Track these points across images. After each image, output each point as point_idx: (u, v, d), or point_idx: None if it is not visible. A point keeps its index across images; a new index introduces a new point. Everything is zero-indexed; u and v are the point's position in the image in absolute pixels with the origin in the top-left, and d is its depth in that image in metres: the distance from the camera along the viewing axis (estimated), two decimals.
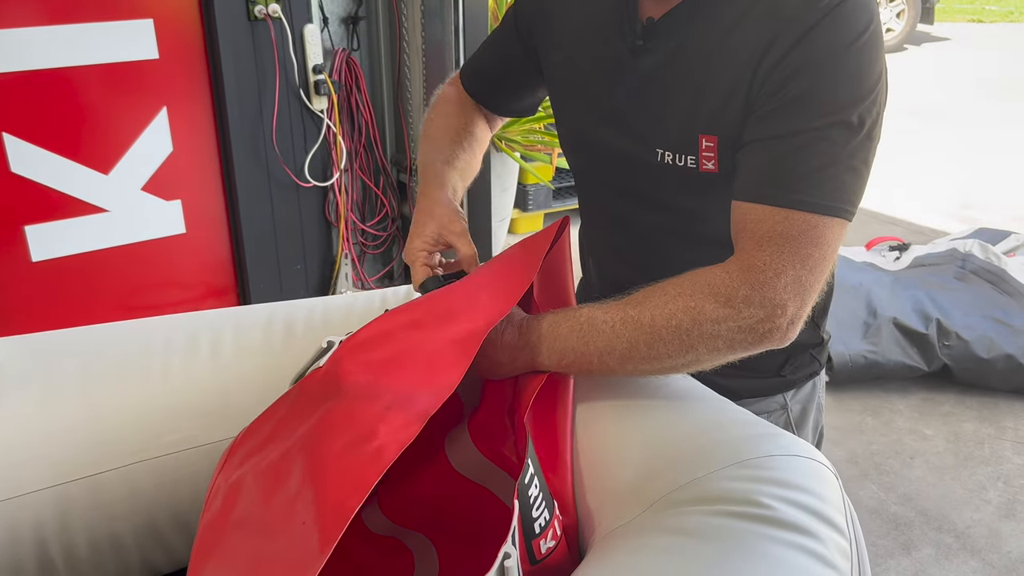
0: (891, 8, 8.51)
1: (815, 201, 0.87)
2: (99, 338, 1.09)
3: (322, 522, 0.70)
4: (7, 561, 0.97)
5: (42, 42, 2.35)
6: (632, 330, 0.88)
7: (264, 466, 0.82)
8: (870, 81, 0.88)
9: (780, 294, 0.86)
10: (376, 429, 0.75)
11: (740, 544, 0.73)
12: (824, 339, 1.18)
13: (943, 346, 2.79)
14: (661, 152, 1.00)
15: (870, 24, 0.88)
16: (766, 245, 0.87)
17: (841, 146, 0.87)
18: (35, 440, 0.98)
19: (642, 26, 0.99)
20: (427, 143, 1.22)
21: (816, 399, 1.21)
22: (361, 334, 0.89)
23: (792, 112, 0.88)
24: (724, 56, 0.93)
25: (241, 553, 0.75)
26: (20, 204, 2.46)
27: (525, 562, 0.79)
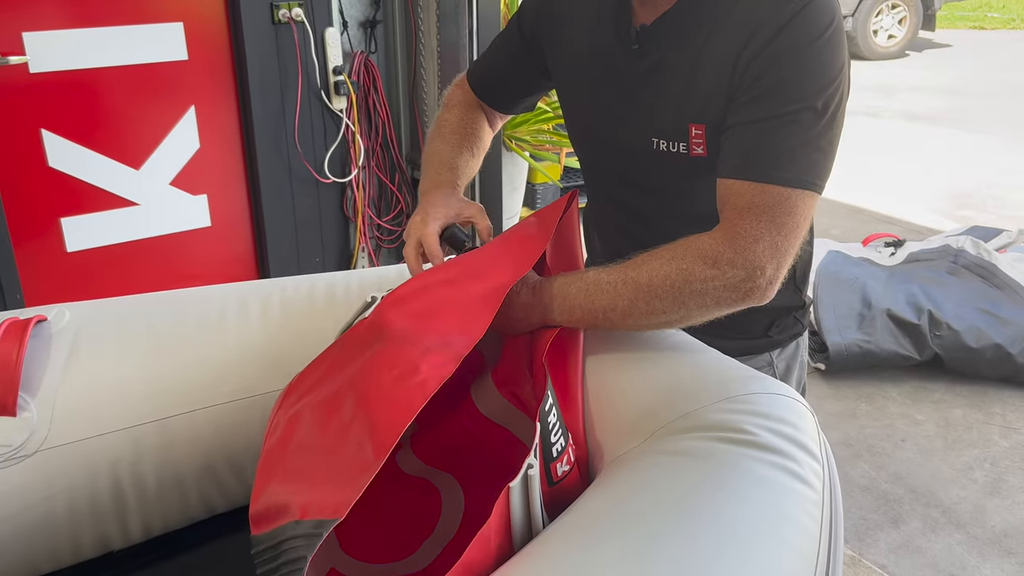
0: (893, 15, 8.63)
1: (787, 176, 1.00)
2: (163, 302, 1.23)
3: (376, 439, 0.82)
4: (87, 495, 1.10)
5: (79, 44, 2.49)
6: (632, 289, 1.02)
7: (319, 400, 0.95)
8: (833, 71, 1.01)
9: (759, 257, 1.00)
10: (419, 366, 0.88)
11: (727, 462, 0.87)
12: (806, 302, 1.32)
13: (934, 336, 2.92)
14: (656, 141, 1.13)
15: (832, 22, 1.01)
16: (746, 215, 1.00)
17: (809, 128, 1.00)
18: (111, 388, 1.11)
19: (636, 31, 1.12)
20: (438, 141, 1.34)
21: (800, 357, 1.35)
22: (400, 290, 1.02)
23: (767, 99, 1.01)
24: (709, 54, 1.06)
25: (305, 469, 0.88)
26: (57, 197, 2.60)
27: (544, 483, 0.92)
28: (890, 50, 8.74)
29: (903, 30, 8.70)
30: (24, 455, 1.04)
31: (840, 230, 4.31)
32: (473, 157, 1.34)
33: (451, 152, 1.30)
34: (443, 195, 1.22)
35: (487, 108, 1.40)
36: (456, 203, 1.20)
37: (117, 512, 1.12)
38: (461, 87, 1.41)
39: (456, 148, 1.31)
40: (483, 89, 1.38)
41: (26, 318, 1.12)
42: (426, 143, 1.35)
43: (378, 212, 3.21)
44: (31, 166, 2.53)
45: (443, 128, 1.35)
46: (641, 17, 1.12)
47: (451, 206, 1.19)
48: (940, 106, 7.01)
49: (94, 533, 1.11)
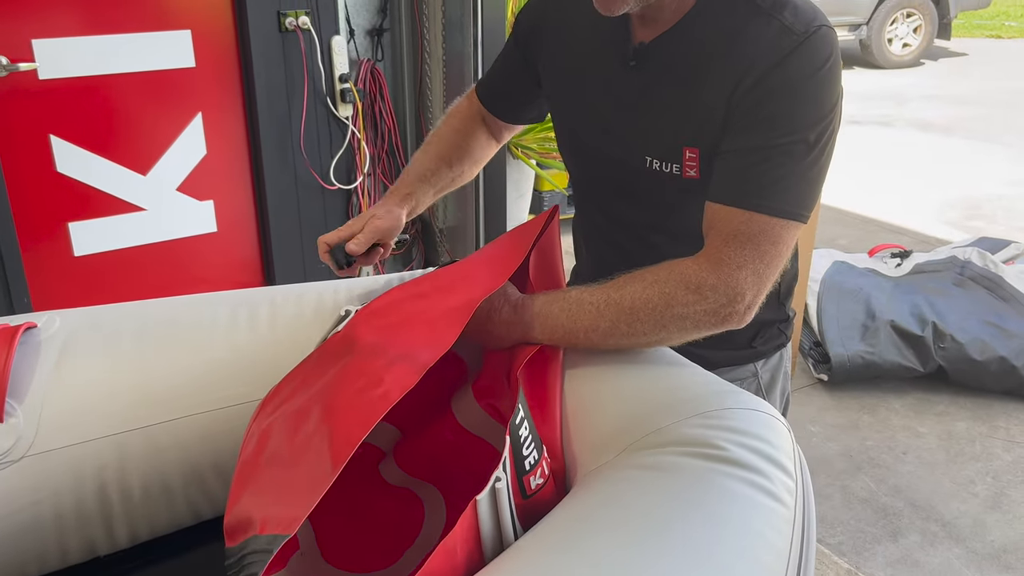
0: (908, 23, 8.60)
1: (774, 206, 1.02)
2: (152, 310, 1.24)
3: (334, 450, 0.83)
4: (72, 500, 1.11)
5: (88, 51, 2.53)
6: (614, 311, 1.03)
7: (289, 413, 0.96)
8: (827, 106, 1.03)
9: (741, 284, 1.02)
10: (383, 378, 0.89)
11: (697, 477, 0.87)
12: (790, 316, 1.33)
13: (938, 348, 2.90)
14: (649, 160, 1.14)
15: (829, 57, 1.03)
16: (731, 242, 1.02)
17: (800, 160, 1.02)
18: (98, 395, 1.13)
19: (635, 48, 1.13)
20: (422, 152, 1.38)
21: (783, 368, 1.36)
22: (373, 304, 1.03)
23: (760, 129, 1.03)
24: (706, 79, 1.07)
25: (270, 483, 0.89)
26: (65, 202, 2.63)
27: (517, 495, 0.93)
28: (905, 59, 8.71)
29: (918, 39, 8.67)
30: (11, 460, 1.06)
31: (848, 240, 4.30)
32: (451, 168, 1.37)
33: (423, 163, 1.36)
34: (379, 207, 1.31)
35: (491, 119, 1.41)
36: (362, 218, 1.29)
37: (103, 517, 1.13)
38: (469, 97, 1.43)
39: (431, 159, 1.36)
40: (487, 98, 1.41)
41: (16, 325, 1.13)
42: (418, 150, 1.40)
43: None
44: (40, 171, 2.56)
45: (429, 139, 1.39)
46: (640, 35, 1.13)
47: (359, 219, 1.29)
48: (954, 115, 6.97)
49: (80, 538, 1.13)
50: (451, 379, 1.16)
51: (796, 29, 1.02)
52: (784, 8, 1.04)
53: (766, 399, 1.30)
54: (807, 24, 1.02)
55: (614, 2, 1.05)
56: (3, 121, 2.45)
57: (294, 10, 2.75)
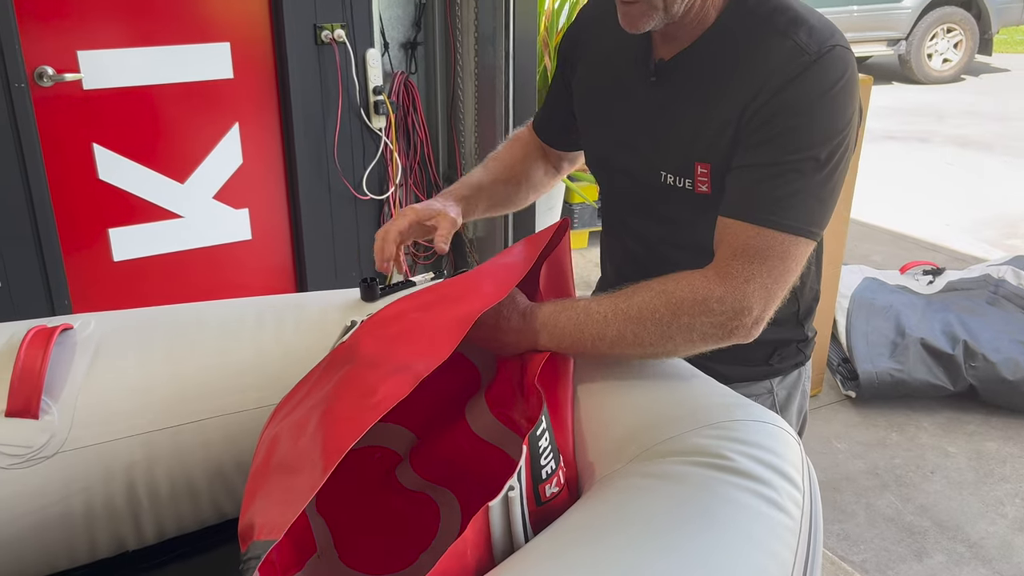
0: (948, 39, 8.51)
1: (783, 222, 1.04)
2: (182, 314, 1.29)
3: (324, 457, 0.86)
4: (102, 495, 1.16)
5: (131, 62, 2.60)
6: (621, 320, 1.05)
7: (295, 419, 0.99)
8: (840, 124, 1.04)
9: (748, 298, 1.03)
10: (377, 387, 0.91)
11: (702, 486, 0.89)
12: (808, 335, 1.33)
13: (969, 367, 2.87)
14: (664, 174, 1.17)
15: (843, 76, 1.04)
16: (740, 256, 1.04)
17: (810, 177, 1.04)
18: (128, 395, 1.17)
19: (655, 65, 1.16)
20: (481, 167, 1.40)
21: (801, 386, 1.36)
22: (379, 315, 1.06)
23: (772, 147, 1.05)
24: (720, 95, 1.09)
25: (275, 489, 0.92)
26: (106, 208, 2.71)
27: (532, 502, 0.95)
28: (945, 74, 8.61)
29: (959, 54, 8.57)
30: (44, 456, 1.11)
31: (881, 256, 4.27)
32: (507, 185, 1.39)
33: (480, 175, 1.38)
34: (440, 198, 1.30)
35: (548, 149, 1.44)
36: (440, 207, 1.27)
37: (131, 513, 1.17)
38: (528, 127, 1.47)
39: (488, 173, 1.39)
40: (539, 127, 1.44)
41: (53, 326, 1.18)
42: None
43: None
44: (83, 178, 2.64)
45: (489, 157, 1.43)
46: (661, 52, 1.16)
47: (432, 206, 1.27)
48: (994, 132, 6.88)
49: (109, 533, 1.17)
50: (465, 387, 1.18)
51: (810, 48, 1.04)
52: (800, 27, 1.06)
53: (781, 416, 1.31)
54: (821, 44, 1.04)
55: (639, 19, 1.07)
56: (49, 130, 2.53)
57: (330, 23, 2.81)
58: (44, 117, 2.51)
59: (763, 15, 1.08)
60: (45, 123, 2.52)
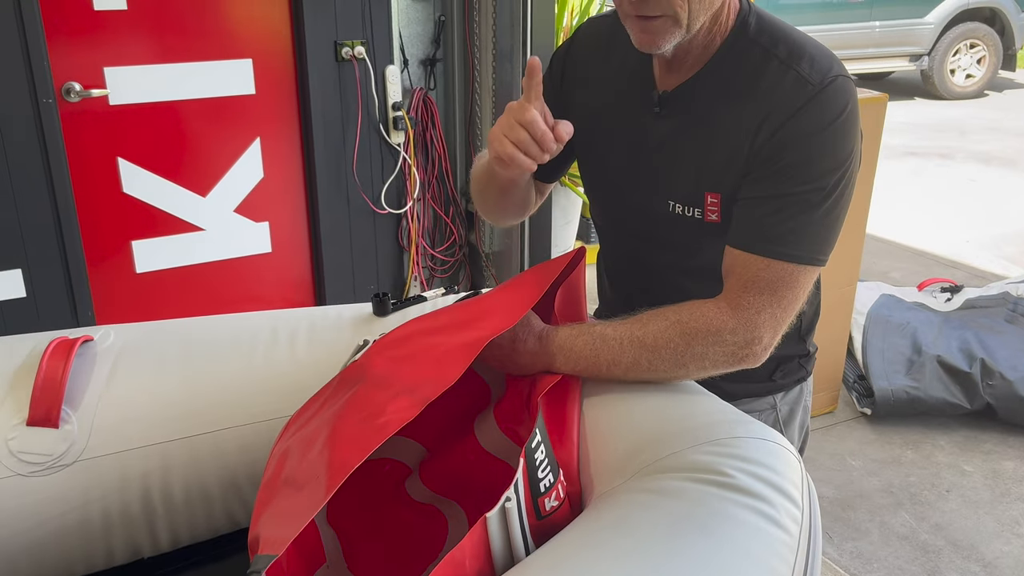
0: (971, 54, 8.46)
1: (792, 253, 1.07)
2: (199, 327, 1.32)
3: (329, 476, 0.88)
4: (119, 503, 1.19)
5: (156, 78, 2.66)
6: (636, 348, 1.08)
7: (305, 435, 1.01)
8: (843, 154, 1.06)
9: (759, 328, 1.07)
10: (385, 409, 0.93)
11: (701, 502, 0.90)
12: (810, 351, 1.36)
13: (986, 385, 2.86)
14: (672, 204, 1.18)
15: (845, 107, 1.06)
16: (751, 287, 1.07)
17: (817, 207, 1.06)
18: (145, 405, 1.20)
19: (658, 96, 1.16)
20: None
21: (803, 401, 1.38)
22: (390, 336, 1.09)
23: (780, 179, 1.07)
24: (727, 127, 1.10)
25: (282, 503, 0.94)
26: (129, 221, 2.76)
27: (532, 516, 0.97)
28: (968, 90, 8.56)
29: (982, 70, 8.51)
30: (64, 464, 1.14)
31: (900, 273, 4.25)
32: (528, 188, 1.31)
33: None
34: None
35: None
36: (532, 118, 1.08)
37: (147, 521, 1.20)
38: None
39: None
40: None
41: (74, 338, 1.22)
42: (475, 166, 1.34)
43: (432, 243, 3.31)
44: (107, 192, 2.70)
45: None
46: (664, 82, 1.17)
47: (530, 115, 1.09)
48: (1017, 148, 6.83)
49: (125, 540, 1.20)
50: (475, 402, 1.21)
51: (812, 80, 1.05)
52: (800, 58, 1.07)
53: (784, 432, 1.32)
54: (823, 75, 1.06)
55: (659, 36, 1.05)
56: (75, 144, 2.59)
57: (351, 40, 2.86)
58: (71, 132, 2.57)
59: (764, 45, 1.10)
60: (72, 137, 2.58)
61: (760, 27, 1.12)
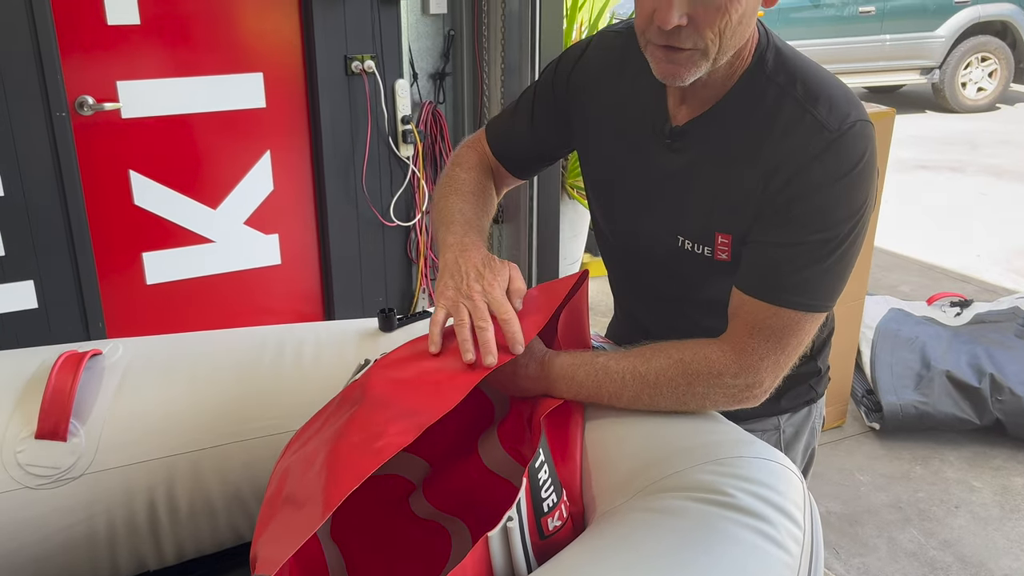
0: (983, 68, 8.44)
1: (799, 300, 1.05)
2: (207, 341, 1.33)
3: (325, 498, 0.88)
4: (124, 516, 1.20)
5: (168, 92, 2.69)
6: (638, 384, 1.08)
7: (305, 454, 1.01)
8: (857, 203, 1.03)
9: (761, 373, 1.06)
10: (383, 431, 0.93)
11: (702, 522, 0.90)
12: (821, 370, 1.34)
13: (996, 400, 2.85)
14: (682, 240, 1.16)
15: (863, 156, 1.03)
16: (756, 334, 1.06)
17: (828, 256, 1.04)
18: (152, 419, 1.21)
19: (671, 128, 1.13)
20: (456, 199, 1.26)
21: (811, 423, 1.36)
22: (391, 356, 1.09)
23: (793, 227, 1.04)
24: (740, 167, 1.07)
25: (281, 522, 0.94)
26: (140, 233, 2.78)
27: (535, 535, 0.97)
28: (979, 103, 8.54)
29: (993, 83, 8.49)
30: (71, 477, 1.15)
31: (910, 287, 4.24)
32: (487, 215, 1.29)
33: (474, 212, 1.25)
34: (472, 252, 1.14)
35: (500, 171, 1.35)
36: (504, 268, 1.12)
37: (152, 534, 1.21)
38: (474, 148, 1.36)
39: (478, 209, 1.27)
40: (503, 151, 1.34)
41: (83, 351, 1.23)
42: (439, 198, 1.28)
43: None
44: (119, 204, 2.72)
45: (461, 187, 1.29)
46: (677, 114, 1.13)
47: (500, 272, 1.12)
48: None
49: (130, 552, 1.21)
50: (479, 418, 1.21)
51: (830, 125, 1.02)
52: (819, 101, 1.04)
53: (786, 453, 1.31)
54: (841, 120, 1.02)
55: (684, 69, 1.02)
56: (88, 157, 2.62)
57: (360, 54, 2.88)
58: (83, 144, 2.60)
59: (782, 83, 1.06)
60: (84, 150, 2.61)
61: (778, 63, 1.08)
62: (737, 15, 0.97)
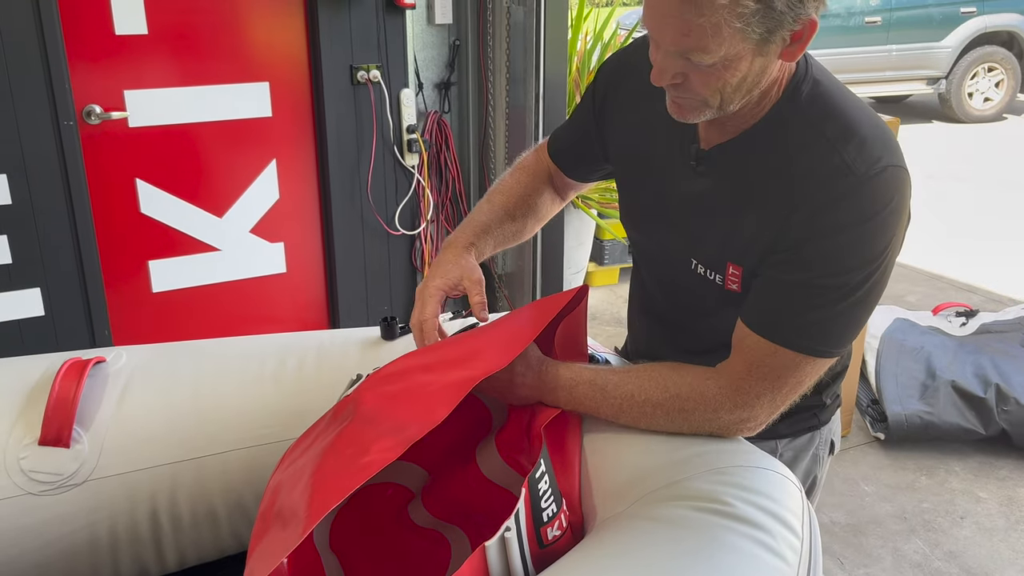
0: (989, 78, 8.44)
1: (802, 343, 1.03)
2: (209, 349, 1.34)
3: (307, 515, 0.88)
4: (127, 523, 1.20)
5: (174, 101, 2.70)
6: (636, 409, 1.09)
7: (295, 468, 1.02)
8: (878, 250, 1.00)
9: (755, 411, 1.06)
10: (369, 448, 0.94)
11: (701, 530, 0.91)
12: (826, 403, 1.31)
13: (1001, 411, 2.84)
14: (696, 264, 1.15)
15: (891, 201, 0.98)
16: (754, 371, 1.05)
17: (839, 302, 1.01)
18: (154, 426, 1.22)
19: (698, 151, 1.11)
20: (486, 202, 1.34)
21: (812, 450, 1.33)
22: (383, 371, 1.09)
23: (804, 266, 1.01)
24: (761, 200, 1.05)
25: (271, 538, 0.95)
26: (146, 241, 2.80)
27: (534, 544, 0.98)
28: (986, 113, 8.52)
29: (1000, 93, 8.48)
30: (74, 483, 1.16)
31: (916, 297, 4.23)
32: (514, 221, 1.33)
33: (487, 213, 1.31)
34: (453, 255, 1.24)
35: (559, 176, 1.38)
36: (457, 270, 1.22)
37: (154, 540, 1.22)
38: (537, 152, 1.40)
39: (495, 210, 1.31)
40: (558, 154, 1.37)
41: (87, 359, 1.24)
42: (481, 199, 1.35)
43: None
44: (125, 212, 2.73)
45: (495, 189, 1.35)
46: (706, 137, 1.12)
47: (450, 274, 1.21)
48: None
49: (132, 558, 1.22)
50: (477, 426, 1.21)
51: (857, 169, 0.98)
52: (850, 142, 1.00)
53: None
54: (870, 164, 0.98)
55: (688, 112, 1.03)
56: (95, 165, 2.64)
57: (366, 64, 2.89)
58: (91, 153, 2.62)
59: (814, 118, 1.03)
60: (91, 159, 2.62)
61: (813, 96, 1.04)
62: (736, 79, 0.96)
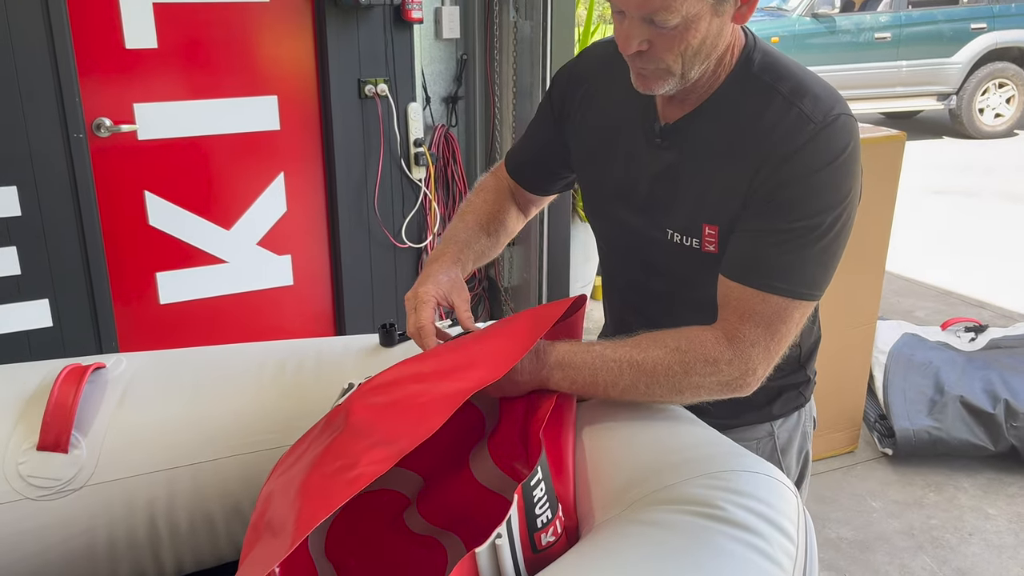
0: (1000, 93, 8.42)
1: (787, 288, 1.08)
2: (209, 356, 1.34)
3: (295, 528, 0.88)
4: (125, 529, 1.20)
5: (183, 114, 2.73)
6: (634, 372, 1.10)
7: (287, 478, 1.02)
8: (841, 193, 1.08)
9: (754, 360, 1.09)
10: (360, 459, 0.93)
11: (694, 535, 0.90)
12: (810, 377, 1.37)
13: (1011, 427, 2.81)
14: (671, 232, 1.20)
15: (846, 148, 1.07)
16: (746, 320, 1.09)
17: (812, 244, 1.08)
18: (152, 432, 1.22)
19: (660, 127, 1.18)
20: (460, 221, 1.38)
21: (801, 427, 1.38)
22: (374, 380, 1.09)
23: (776, 214, 1.08)
24: (727, 160, 1.12)
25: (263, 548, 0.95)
26: (154, 253, 2.82)
27: (528, 550, 0.97)
28: (997, 129, 8.50)
29: (1011, 109, 8.46)
30: (72, 489, 1.16)
31: (925, 312, 4.21)
32: (488, 237, 1.38)
33: (465, 231, 1.36)
34: (441, 268, 1.27)
35: (519, 192, 1.44)
36: (447, 281, 1.25)
37: (152, 546, 1.22)
38: (495, 173, 1.46)
39: (470, 228, 1.37)
40: (516, 171, 1.43)
41: (86, 365, 1.25)
42: (452, 221, 1.40)
43: None
44: (134, 224, 2.76)
45: (465, 210, 1.41)
46: (666, 113, 1.19)
47: (441, 284, 1.24)
48: None
49: (130, 565, 1.22)
50: (470, 429, 1.21)
51: (815, 118, 1.07)
52: (804, 96, 1.09)
53: (782, 459, 1.33)
54: (825, 113, 1.07)
55: (653, 82, 1.10)
56: (104, 178, 2.66)
57: (374, 78, 2.91)
58: (100, 166, 2.64)
59: (768, 81, 1.11)
60: (101, 171, 2.65)
61: (764, 63, 1.13)
62: (697, 40, 1.05)
